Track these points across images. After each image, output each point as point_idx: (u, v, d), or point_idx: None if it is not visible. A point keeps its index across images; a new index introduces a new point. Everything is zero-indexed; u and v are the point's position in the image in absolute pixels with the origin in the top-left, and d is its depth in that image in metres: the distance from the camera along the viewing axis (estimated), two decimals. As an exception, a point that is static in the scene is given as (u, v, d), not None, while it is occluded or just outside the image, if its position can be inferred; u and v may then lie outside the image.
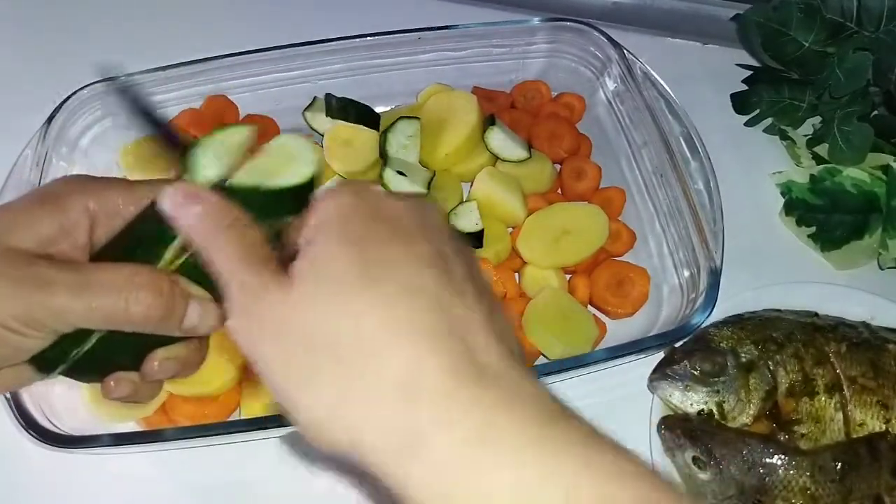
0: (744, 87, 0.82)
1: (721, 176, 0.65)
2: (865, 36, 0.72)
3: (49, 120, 0.69)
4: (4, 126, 0.73)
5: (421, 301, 0.30)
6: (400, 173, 0.70)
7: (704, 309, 0.59)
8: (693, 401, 0.60)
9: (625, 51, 0.74)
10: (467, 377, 0.28)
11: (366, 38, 0.76)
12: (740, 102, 0.81)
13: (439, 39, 0.78)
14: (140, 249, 0.36)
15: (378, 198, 0.34)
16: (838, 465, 0.55)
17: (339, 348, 0.29)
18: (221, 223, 0.32)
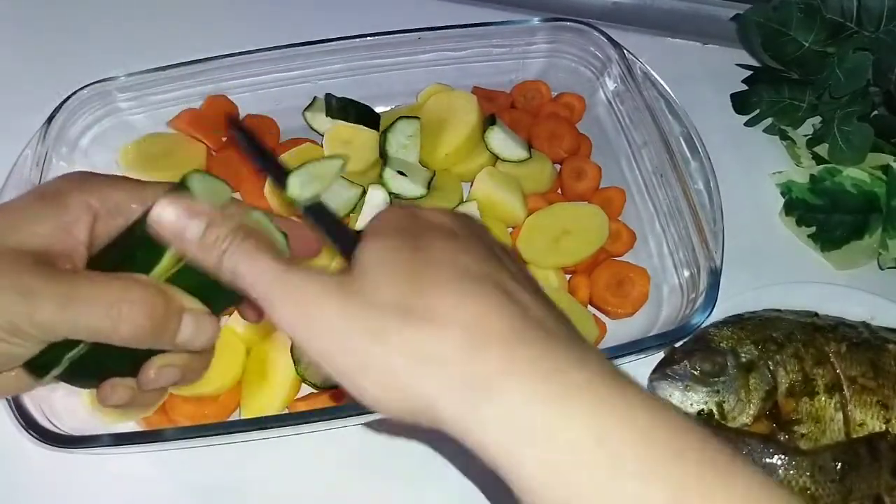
0: (744, 87, 0.82)
1: (721, 176, 0.65)
2: (865, 36, 0.72)
3: (49, 120, 0.69)
4: (4, 126, 0.73)
5: (479, 284, 0.31)
6: (400, 173, 0.70)
7: (704, 309, 0.59)
8: (693, 401, 0.60)
9: (625, 51, 0.74)
10: (533, 326, 0.30)
11: (366, 38, 0.76)
12: (740, 102, 0.81)
13: (439, 39, 0.78)
14: (139, 252, 0.35)
15: (427, 210, 0.36)
16: (838, 465, 0.55)
17: (407, 315, 0.30)
18: (238, 234, 0.33)
